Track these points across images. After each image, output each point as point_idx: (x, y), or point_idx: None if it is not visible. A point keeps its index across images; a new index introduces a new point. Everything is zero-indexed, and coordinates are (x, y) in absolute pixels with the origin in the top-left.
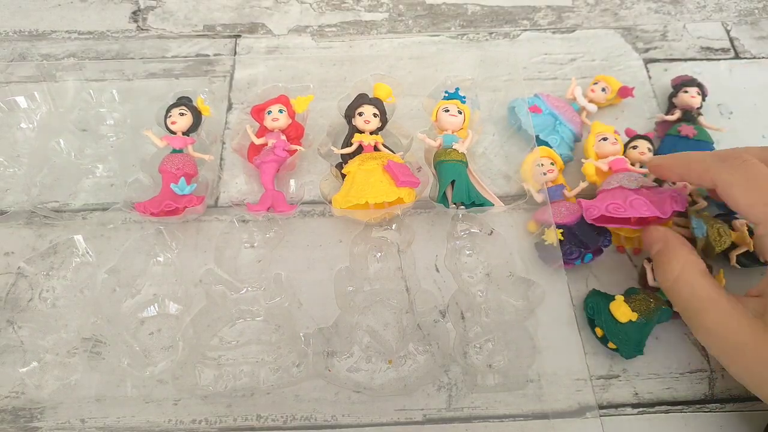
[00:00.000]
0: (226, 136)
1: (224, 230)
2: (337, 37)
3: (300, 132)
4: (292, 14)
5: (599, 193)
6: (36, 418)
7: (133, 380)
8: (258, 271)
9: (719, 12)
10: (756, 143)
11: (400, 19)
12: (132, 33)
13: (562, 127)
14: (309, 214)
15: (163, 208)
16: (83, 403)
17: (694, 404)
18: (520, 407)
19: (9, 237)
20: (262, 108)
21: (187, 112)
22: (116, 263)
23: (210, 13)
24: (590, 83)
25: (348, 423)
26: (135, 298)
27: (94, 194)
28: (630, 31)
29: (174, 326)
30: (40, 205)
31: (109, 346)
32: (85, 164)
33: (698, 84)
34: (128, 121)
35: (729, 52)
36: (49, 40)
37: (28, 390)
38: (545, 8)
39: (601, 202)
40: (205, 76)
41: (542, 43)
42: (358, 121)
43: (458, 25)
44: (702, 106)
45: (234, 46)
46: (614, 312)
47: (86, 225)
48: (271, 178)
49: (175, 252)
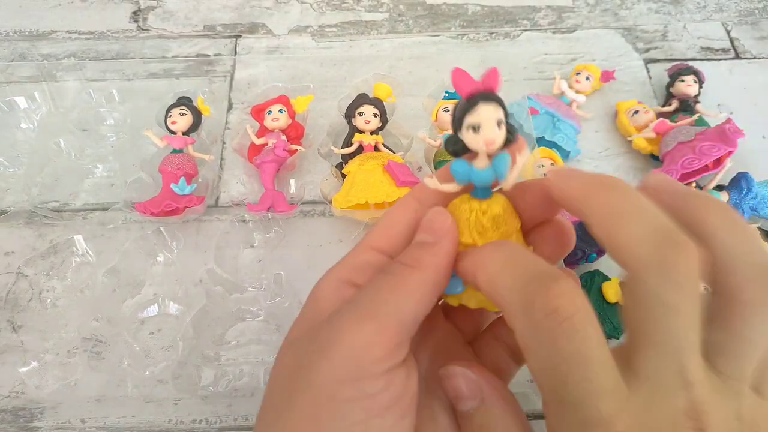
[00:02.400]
0: (226, 136)
1: (224, 230)
2: (337, 37)
3: (300, 132)
4: (292, 14)
5: (664, 158)
6: (36, 418)
7: (133, 380)
8: (258, 271)
9: (719, 12)
10: (756, 143)
11: (400, 19)
12: (132, 33)
13: (562, 124)
14: (309, 214)
15: (164, 208)
16: (83, 403)
17: None
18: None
19: (9, 237)
20: (262, 108)
21: (188, 112)
22: (116, 263)
23: (210, 13)
24: (572, 75)
25: None
26: (135, 298)
27: (94, 194)
28: (630, 32)
29: (174, 326)
30: (41, 205)
31: (110, 346)
32: (86, 164)
33: (694, 71)
34: (128, 121)
35: (729, 52)
36: (49, 40)
37: (29, 390)
38: (545, 8)
39: (672, 163)
40: (206, 76)
41: (542, 43)
42: (358, 121)
43: (458, 25)
44: (700, 93)
45: (234, 46)
46: (605, 291)
47: (86, 225)
48: (271, 178)
49: (175, 252)
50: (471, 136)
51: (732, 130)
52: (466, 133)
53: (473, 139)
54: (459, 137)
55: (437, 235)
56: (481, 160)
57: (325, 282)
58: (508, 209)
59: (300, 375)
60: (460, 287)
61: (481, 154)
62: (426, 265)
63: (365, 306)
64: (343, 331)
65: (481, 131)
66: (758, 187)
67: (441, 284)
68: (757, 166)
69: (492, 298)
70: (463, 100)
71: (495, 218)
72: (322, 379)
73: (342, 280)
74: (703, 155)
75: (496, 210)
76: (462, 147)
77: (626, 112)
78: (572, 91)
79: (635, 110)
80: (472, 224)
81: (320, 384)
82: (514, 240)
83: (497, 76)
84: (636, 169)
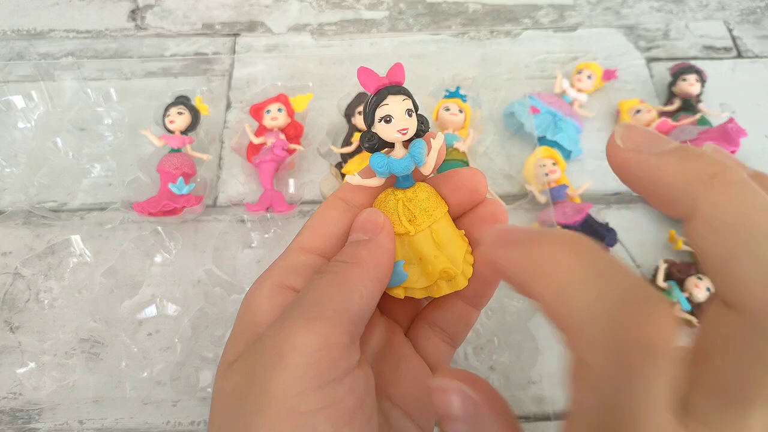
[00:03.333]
0: (224, 135)
1: (223, 230)
2: (336, 35)
3: (299, 131)
4: (291, 12)
5: None
6: (34, 420)
7: (131, 381)
8: (257, 271)
9: (722, 11)
10: (759, 142)
11: (400, 18)
12: (130, 32)
13: (563, 123)
14: (308, 214)
15: (162, 208)
16: (81, 405)
17: None
18: (522, 408)
19: (6, 237)
20: (261, 107)
21: (186, 111)
22: (114, 264)
23: (209, 11)
24: (573, 73)
25: None
26: (133, 298)
27: (92, 194)
28: (632, 30)
29: (172, 327)
30: (38, 205)
31: (108, 347)
32: (83, 164)
33: (696, 70)
34: (126, 121)
35: (731, 51)
36: (47, 39)
37: (26, 391)
38: (547, 7)
39: None
40: (204, 75)
41: (544, 41)
42: (358, 119)
43: (459, 24)
44: (702, 93)
45: (233, 44)
46: None
47: (84, 225)
48: (270, 178)
49: (173, 252)
50: (384, 128)
51: (734, 130)
52: (380, 125)
53: (387, 130)
54: (373, 132)
55: (373, 232)
56: (398, 150)
57: (258, 290)
58: (433, 193)
59: (252, 395)
60: (403, 277)
61: (397, 145)
62: (365, 261)
63: (312, 307)
64: (293, 336)
65: (393, 121)
66: None
67: (383, 279)
68: (760, 165)
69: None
70: (371, 95)
71: (421, 203)
72: (280, 393)
73: (277, 285)
74: None
75: (421, 195)
76: (378, 141)
77: (629, 111)
78: (574, 90)
79: (638, 109)
80: (401, 213)
81: (278, 399)
82: (443, 224)
83: (401, 69)
84: None
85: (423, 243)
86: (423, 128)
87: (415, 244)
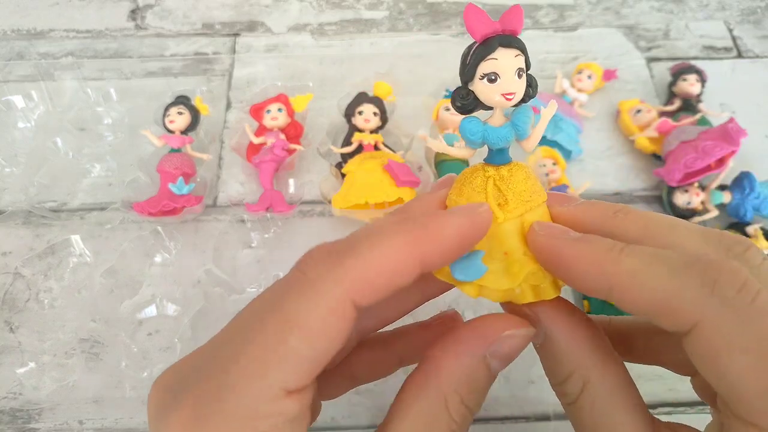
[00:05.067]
0: (224, 135)
1: (223, 230)
2: (336, 35)
3: (299, 131)
4: (291, 12)
5: (667, 158)
6: (34, 420)
7: (131, 381)
8: (257, 271)
9: (722, 11)
10: (759, 143)
11: (400, 18)
12: (130, 31)
13: (563, 123)
14: (308, 214)
15: (161, 208)
16: (81, 405)
17: (697, 405)
18: (522, 409)
19: (6, 237)
20: (260, 107)
21: (186, 111)
22: (114, 264)
23: (209, 11)
24: (573, 73)
25: (348, 425)
26: (133, 298)
27: (91, 194)
28: (632, 30)
29: (172, 327)
30: (38, 205)
31: (107, 347)
32: (83, 164)
33: (697, 70)
34: (126, 120)
35: (732, 51)
36: (47, 38)
37: (26, 391)
38: (547, 6)
39: (675, 163)
40: (204, 75)
41: (544, 41)
42: (357, 119)
43: (459, 24)
44: (702, 93)
45: (233, 44)
46: None
47: (84, 225)
48: (270, 178)
49: (173, 252)
50: (486, 87)
51: (735, 130)
52: (480, 84)
53: (489, 90)
54: (470, 89)
55: None
56: (498, 117)
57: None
58: (531, 176)
59: None
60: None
61: (497, 110)
62: None
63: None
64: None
65: (498, 81)
66: (761, 187)
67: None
68: (760, 165)
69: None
70: (477, 43)
71: (517, 185)
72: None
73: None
74: (705, 154)
75: (518, 176)
76: (474, 102)
77: (629, 111)
78: (574, 90)
79: (638, 109)
80: (490, 193)
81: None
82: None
83: (520, 14)
84: (638, 169)
85: (511, 235)
86: (531, 93)
87: (502, 235)
